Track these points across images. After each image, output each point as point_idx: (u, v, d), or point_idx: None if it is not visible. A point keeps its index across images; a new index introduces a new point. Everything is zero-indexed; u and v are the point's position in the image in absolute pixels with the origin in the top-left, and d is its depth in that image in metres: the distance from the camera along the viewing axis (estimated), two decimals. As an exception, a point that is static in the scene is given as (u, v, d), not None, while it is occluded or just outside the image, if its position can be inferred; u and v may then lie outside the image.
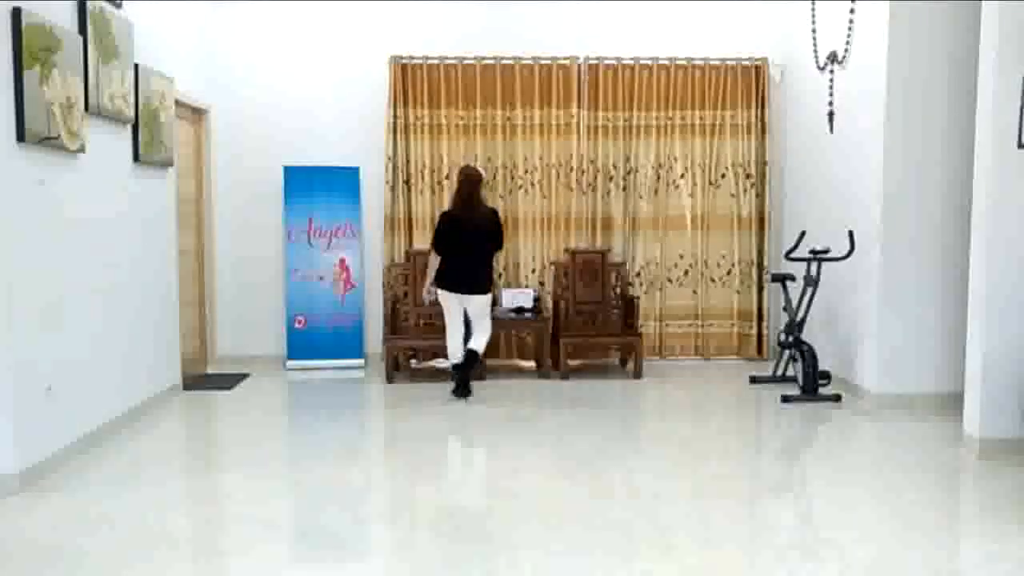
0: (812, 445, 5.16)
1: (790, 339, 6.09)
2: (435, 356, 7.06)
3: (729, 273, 7.33)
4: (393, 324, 6.68)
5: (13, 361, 4.03)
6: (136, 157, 5.41)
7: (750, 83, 7.23)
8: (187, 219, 6.61)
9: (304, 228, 7.03)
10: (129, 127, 5.34)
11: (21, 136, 4.01)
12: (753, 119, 7.26)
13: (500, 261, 6.89)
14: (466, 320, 6.07)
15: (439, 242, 5.92)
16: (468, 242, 5.89)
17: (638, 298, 6.90)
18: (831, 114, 6.32)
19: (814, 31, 6.59)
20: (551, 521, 3.70)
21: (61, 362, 4.47)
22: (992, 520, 3.73)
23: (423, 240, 7.08)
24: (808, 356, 5.86)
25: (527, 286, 7.13)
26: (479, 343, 6.03)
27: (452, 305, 6.00)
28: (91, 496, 4.00)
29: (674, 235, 7.29)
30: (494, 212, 6.10)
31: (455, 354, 6.01)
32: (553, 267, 7.10)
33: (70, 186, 4.58)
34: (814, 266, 5.98)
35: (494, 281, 6.13)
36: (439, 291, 5.97)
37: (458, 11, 7.13)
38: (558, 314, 6.86)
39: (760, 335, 7.36)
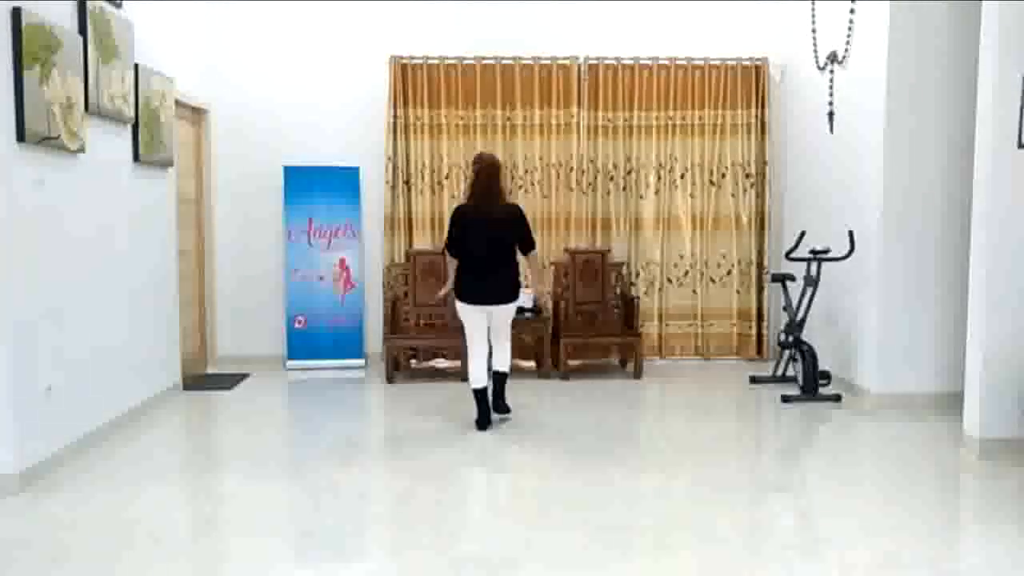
0: (812, 445, 5.15)
1: (790, 339, 6.09)
2: (435, 356, 7.08)
3: (729, 273, 7.33)
4: (393, 324, 6.68)
5: (13, 361, 4.03)
6: (136, 157, 5.42)
7: (750, 83, 7.23)
8: (187, 219, 6.61)
9: (304, 228, 7.03)
10: (129, 127, 5.34)
11: (21, 136, 4.01)
12: (753, 119, 7.26)
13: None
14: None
15: (452, 243, 5.15)
16: (489, 242, 5.10)
17: (638, 298, 6.90)
18: (831, 114, 6.32)
19: (814, 31, 6.59)
20: (551, 521, 3.70)
21: (61, 362, 4.47)
22: (992, 520, 3.73)
23: (423, 240, 7.09)
24: (808, 356, 5.86)
25: (527, 286, 7.12)
26: (504, 362, 5.34)
27: (475, 319, 5.17)
28: (91, 496, 4.00)
29: (674, 235, 7.28)
30: (517, 207, 5.31)
31: (479, 378, 5.16)
32: (553, 267, 7.09)
33: (70, 186, 4.59)
34: (814, 266, 5.98)
35: (521, 285, 5.29)
36: (458, 304, 5.20)
37: (458, 11, 7.13)
38: (558, 314, 6.86)
39: (760, 335, 7.35)
